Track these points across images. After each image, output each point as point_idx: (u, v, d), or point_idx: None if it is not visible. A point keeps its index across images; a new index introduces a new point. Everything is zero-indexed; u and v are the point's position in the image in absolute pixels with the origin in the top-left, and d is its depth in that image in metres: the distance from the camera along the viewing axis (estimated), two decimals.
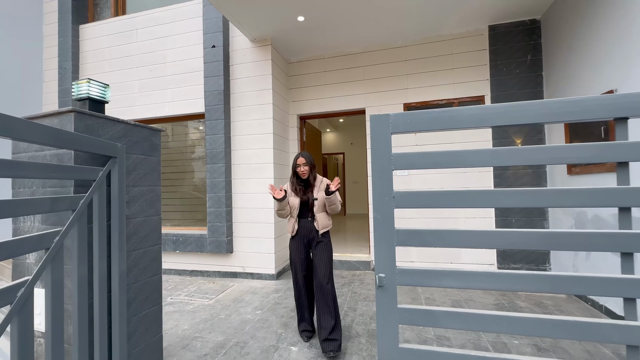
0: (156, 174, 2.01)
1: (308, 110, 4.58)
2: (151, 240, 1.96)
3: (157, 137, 2.03)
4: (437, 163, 1.09)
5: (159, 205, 2.03)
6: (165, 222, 4.61)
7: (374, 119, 1.13)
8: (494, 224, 3.85)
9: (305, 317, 2.49)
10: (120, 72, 4.66)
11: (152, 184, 1.98)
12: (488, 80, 3.90)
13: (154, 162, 2.00)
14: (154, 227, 1.99)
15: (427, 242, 1.09)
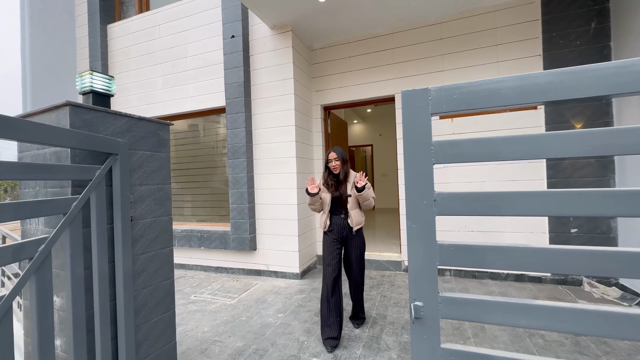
0: (165, 171, 1.87)
1: (332, 99, 4.30)
2: (161, 243, 1.83)
3: (166, 132, 1.88)
4: (508, 153, 0.79)
5: (170, 205, 1.89)
6: (191, 218, 4.61)
7: (407, 96, 0.85)
8: (547, 239, 3.35)
9: (330, 322, 2.28)
10: (145, 69, 4.68)
11: (161, 182, 1.83)
12: (540, 56, 3.36)
13: (163, 158, 1.86)
14: (164, 228, 1.85)
15: (488, 263, 0.80)
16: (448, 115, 3.72)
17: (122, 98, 4.84)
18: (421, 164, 0.84)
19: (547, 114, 3.33)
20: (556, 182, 3.30)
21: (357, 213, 2.38)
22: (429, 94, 0.83)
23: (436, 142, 0.83)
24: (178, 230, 4.29)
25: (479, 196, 0.80)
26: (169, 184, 1.89)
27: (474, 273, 3.61)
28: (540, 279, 3.37)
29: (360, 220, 2.39)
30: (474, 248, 0.82)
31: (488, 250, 0.79)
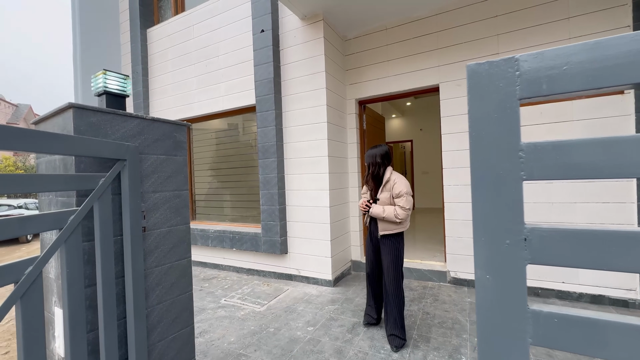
0: (182, 176, 1.72)
1: (368, 93, 3.96)
2: (178, 253, 1.69)
3: (182, 134, 1.73)
4: None
5: (187, 213, 1.74)
6: (224, 218, 4.60)
7: (477, 72, 0.55)
8: None
9: (370, 303, 2.58)
10: (181, 70, 4.74)
11: (178, 188, 1.69)
12: (630, 27, 2.70)
13: (179, 162, 1.71)
14: (181, 238, 1.71)
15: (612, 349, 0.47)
16: None
17: (160, 100, 4.96)
18: (501, 179, 0.53)
19: (638, 99, 2.67)
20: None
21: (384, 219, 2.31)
22: (517, 67, 0.52)
23: (529, 145, 0.51)
24: (211, 231, 4.29)
25: (614, 236, 0.47)
26: (187, 189, 1.75)
27: (536, 290, 3.08)
28: (625, 302, 2.75)
29: (386, 227, 2.30)
30: (594, 322, 0.49)
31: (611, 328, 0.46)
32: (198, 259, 4.61)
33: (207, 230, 4.33)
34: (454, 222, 3.45)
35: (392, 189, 2.27)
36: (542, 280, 3.06)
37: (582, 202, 2.89)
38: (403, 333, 2.28)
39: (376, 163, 2.35)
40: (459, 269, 3.43)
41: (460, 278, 3.42)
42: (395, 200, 2.25)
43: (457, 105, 3.41)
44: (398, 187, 2.25)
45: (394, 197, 2.26)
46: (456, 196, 3.43)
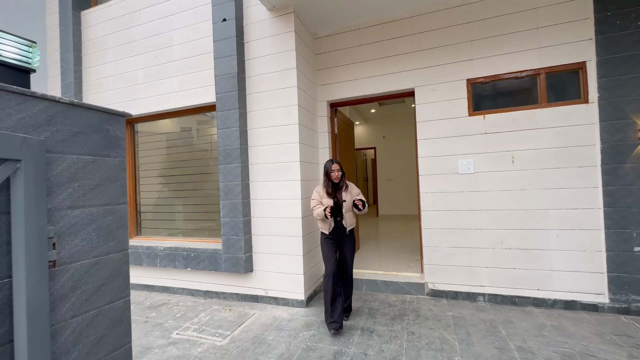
0: (118, 184, 1.25)
1: (340, 95, 3.72)
2: (111, 293, 1.21)
3: (119, 127, 1.27)
4: None
5: (125, 235, 1.27)
6: (176, 232, 3.98)
7: None
8: (602, 237, 2.79)
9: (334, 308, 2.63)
10: (124, 60, 4.06)
11: (111, 202, 1.22)
12: (592, 39, 2.82)
13: (114, 165, 1.24)
14: (115, 271, 1.23)
15: None
16: (479, 112, 3.16)
17: (96, 95, 4.20)
18: None
19: (602, 109, 2.78)
20: (614, 190, 2.75)
21: (351, 215, 2.81)
22: None
23: None
24: (160, 248, 3.65)
25: None
26: (125, 203, 1.28)
27: (513, 299, 3.03)
28: (595, 306, 2.80)
29: (353, 222, 2.82)
30: None
31: None
32: (143, 281, 3.90)
33: (155, 248, 3.68)
34: (431, 231, 3.31)
35: (351, 192, 2.79)
36: (519, 289, 3.02)
37: (554, 208, 2.92)
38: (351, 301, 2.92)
39: (343, 173, 2.81)
40: (437, 279, 3.29)
41: (439, 289, 3.28)
42: (356, 198, 2.71)
43: (433, 110, 3.31)
44: (355, 189, 2.85)
45: (354, 197, 2.75)
46: (433, 204, 3.30)
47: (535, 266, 2.98)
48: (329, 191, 2.74)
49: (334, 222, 2.72)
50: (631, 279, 2.71)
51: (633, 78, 2.70)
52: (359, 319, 2.85)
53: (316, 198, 2.77)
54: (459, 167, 3.20)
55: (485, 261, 3.13)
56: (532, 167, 2.98)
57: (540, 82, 2.99)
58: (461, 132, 3.21)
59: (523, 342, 2.34)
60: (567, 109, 2.89)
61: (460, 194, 3.20)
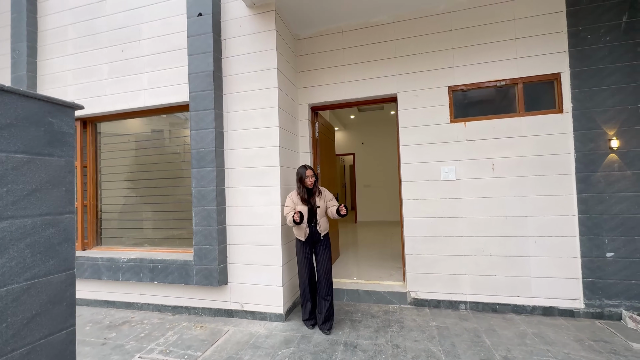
0: (63, 189, 1.04)
1: (322, 98, 3.61)
2: (49, 324, 0.98)
3: (66, 121, 1.06)
4: None
5: (71, 250, 1.06)
6: (142, 242, 3.64)
7: None
8: (577, 243, 2.86)
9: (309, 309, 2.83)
10: (86, 54, 3.71)
11: (53, 211, 1.00)
12: (566, 52, 2.92)
13: (58, 166, 1.03)
14: (56, 296, 1.01)
15: None
16: (461, 119, 3.17)
17: (54, 90, 3.80)
18: None
19: (576, 119, 2.87)
20: (587, 198, 2.83)
21: (325, 221, 2.84)
22: None
23: None
24: (124, 260, 3.31)
25: None
26: (71, 212, 1.06)
27: (494, 306, 3.02)
28: (572, 312, 2.85)
29: (327, 227, 2.85)
30: None
31: None
32: (102, 297, 3.52)
33: (117, 260, 3.33)
34: (413, 238, 3.26)
35: (324, 197, 2.85)
36: (499, 296, 3.02)
37: (532, 215, 2.97)
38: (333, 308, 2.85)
39: (317, 178, 2.87)
40: (420, 288, 3.22)
41: (422, 298, 3.21)
42: (330, 203, 2.86)
43: (415, 116, 3.28)
44: (329, 194, 2.91)
45: (327, 202, 2.86)
46: (416, 211, 3.25)
47: (514, 273, 2.99)
48: (303, 197, 2.77)
49: (309, 228, 2.75)
50: (604, 284, 2.78)
51: (603, 90, 2.82)
52: (341, 332, 2.71)
53: (290, 205, 2.78)
54: (441, 173, 3.18)
55: (466, 268, 3.11)
56: (512, 175, 3.02)
57: (518, 92, 3.06)
58: (443, 138, 3.20)
59: (508, 352, 2.30)
60: (543, 118, 2.97)
61: (443, 200, 3.18)
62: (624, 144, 2.76)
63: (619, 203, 2.76)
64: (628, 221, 2.74)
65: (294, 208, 2.74)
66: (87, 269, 3.42)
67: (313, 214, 2.76)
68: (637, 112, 2.74)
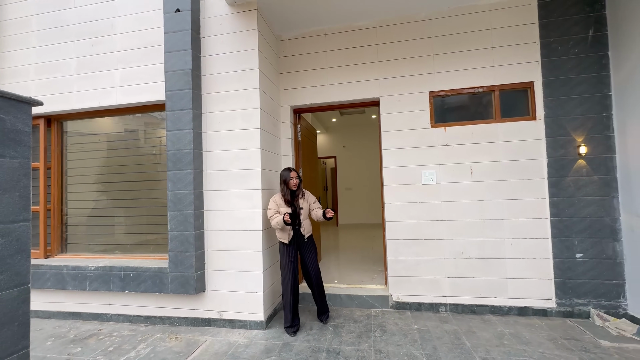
0: (17, 195, 0.93)
1: (305, 101, 3.57)
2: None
3: (21, 116, 0.96)
4: None
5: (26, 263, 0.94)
6: (112, 248, 3.43)
7: None
8: (549, 245, 2.98)
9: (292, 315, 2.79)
10: (52, 47, 3.46)
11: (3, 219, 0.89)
12: (538, 62, 3.05)
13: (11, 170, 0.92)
14: (6, 315, 0.90)
15: None
16: (441, 124, 3.23)
17: (15, 85, 3.51)
18: None
19: (547, 126, 3.00)
20: (558, 201, 2.96)
21: (308, 223, 2.91)
22: None
23: None
24: (91, 268, 3.09)
25: None
26: (26, 220, 0.95)
27: (472, 308, 3.09)
28: (545, 311, 2.96)
29: (310, 229, 2.92)
30: None
31: None
32: (67, 308, 3.27)
33: (84, 268, 3.11)
34: (396, 242, 3.27)
35: (307, 200, 2.92)
36: (478, 297, 3.09)
37: (508, 218, 3.06)
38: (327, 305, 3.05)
39: (300, 180, 2.91)
40: (402, 291, 3.24)
41: (403, 301, 3.22)
42: (313, 205, 2.95)
43: (397, 120, 3.31)
44: (312, 197, 2.99)
45: (310, 204, 2.93)
46: (398, 214, 3.27)
47: (492, 274, 3.07)
48: (287, 199, 2.81)
49: (292, 230, 2.80)
50: (574, 284, 2.91)
51: (572, 99, 2.97)
52: (323, 339, 2.66)
53: (273, 207, 2.79)
54: (422, 177, 3.23)
55: (447, 271, 3.16)
56: (489, 179, 3.10)
57: (495, 99, 3.16)
58: (424, 143, 3.25)
59: (487, 354, 2.35)
60: (518, 124, 3.08)
61: (424, 204, 3.22)
62: (591, 150, 2.91)
63: (587, 206, 2.91)
64: (595, 224, 2.89)
65: (277, 210, 2.76)
66: (49, 279, 3.17)
67: (296, 216, 2.78)
68: (603, 121, 2.91)
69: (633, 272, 2.77)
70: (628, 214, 2.78)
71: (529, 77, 3.08)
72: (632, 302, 2.77)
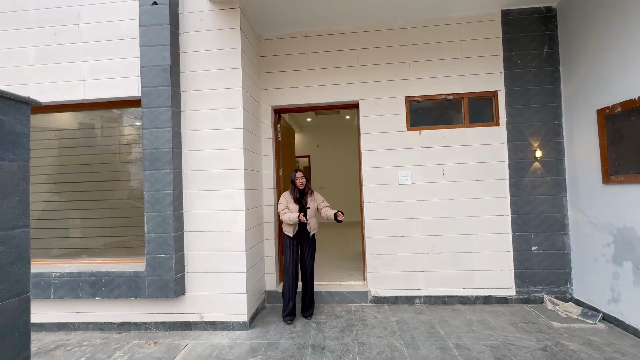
0: (16, 200, 0.90)
1: (285, 101, 3.60)
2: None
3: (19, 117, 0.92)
4: None
5: (26, 271, 0.91)
6: (79, 252, 3.21)
7: None
8: (510, 239, 3.30)
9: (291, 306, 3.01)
10: (9, 33, 3.15)
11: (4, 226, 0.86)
12: (501, 73, 3.36)
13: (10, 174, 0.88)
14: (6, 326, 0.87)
15: None
16: (416, 128, 3.43)
17: None
18: None
19: (509, 132, 3.32)
20: (518, 200, 3.29)
21: (314, 221, 3.11)
22: None
23: None
24: (56, 275, 2.87)
25: None
26: (26, 226, 0.91)
27: (444, 299, 3.33)
28: (506, 299, 3.28)
29: (316, 227, 3.13)
30: None
31: None
32: None
33: (47, 275, 2.88)
34: (373, 239, 3.42)
35: (315, 199, 3.12)
36: (448, 289, 3.34)
37: (475, 215, 3.34)
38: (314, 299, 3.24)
39: (307, 180, 3.13)
40: (379, 286, 3.40)
41: (381, 296, 3.39)
42: (321, 204, 3.14)
43: (375, 123, 3.46)
44: (320, 197, 3.19)
45: (318, 204, 3.12)
46: (376, 213, 3.43)
47: (461, 268, 3.33)
48: (295, 197, 3.04)
49: (298, 226, 3.01)
50: (530, 274, 3.26)
51: (529, 108, 3.30)
52: (307, 335, 2.72)
53: (283, 203, 3.04)
54: (399, 178, 3.41)
55: (420, 265, 3.37)
56: (459, 179, 3.36)
57: (464, 105, 3.42)
58: (400, 145, 3.43)
59: (459, 340, 2.56)
60: (484, 129, 3.37)
61: (400, 203, 3.40)
62: (545, 154, 3.27)
63: (541, 204, 3.26)
64: (548, 219, 3.25)
65: (287, 206, 3.01)
66: None
67: (304, 213, 2.96)
68: (554, 128, 3.28)
69: (577, 262, 3.16)
70: (574, 210, 3.17)
71: (494, 87, 3.37)
72: (577, 287, 3.17)
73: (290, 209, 3.01)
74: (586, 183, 2.99)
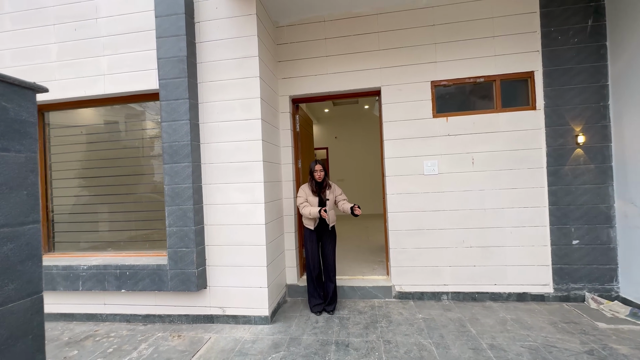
0: (25, 193, 0.83)
1: (304, 90, 3.47)
2: None
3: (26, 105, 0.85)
4: None
5: (38, 269, 0.85)
6: (105, 246, 3.27)
7: None
8: (547, 232, 3.05)
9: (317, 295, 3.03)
10: (29, 31, 3.19)
11: (11, 221, 0.80)
12: (539, 51, 3.06)
13: (17, 165, 0.82)
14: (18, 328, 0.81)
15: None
16: (443, 114, 3.21)
17: None
18: None
19: (547, 116, 3.04)
20: (557, 190, 3.02)
21: (332, 213, 3.06)
22: None
23: None
24: (84, 267, 2.94)
25: None
26: (37, 222, 0.85)
27: (473, 295, 3.15)
28: (542, 296, 3.06)
29: (335, 219, 3.09)
30: None
31: None
32: (58, 309, 3.12)
33: (75, 267, 2.95)
34: (397, 232, 3.27)
35: (334, 192, 3.07)
36: (478, 285, 3.15)
37: (508, 207, 3.11)
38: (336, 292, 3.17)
39: (326, 173, 3.06)
40: (404, 281, 3.26)
41: (406, 291, 3.25)
42: (339, 197, 3.10)
43: (399, 110, 3.27)
44: (338, 189, 3.13)
45: (336, 196, 3.08)
46: (400, 205, 3.27)
47: (492, 262, 3.13)
48: (313, 189, 3.00)
49: (318, 218, 2.97)
50: (570, 270, 3.01)
51: (571, 89, 3.00)
52: (331, 331, 2.65)
53: (302, 196, 3.03)
54: (424, 168, 3.22)
55: (448, 260, 3.20)
56: (490, 169, 3.13)
57: (496, 88, 3.16)
58: (426, 133, 3.23)
59: (493, 340, 2.40)
60: (518, 114, 3.10)
61: (426, 194, 3.22)
62: (589, 139, 2.98)
63: (583, 194, 2.99)
64: (591, 211, 2.98)
65: (306, 199, 3.00)
66: None
67: (322, 205, 2.98)
68: (600, 111, 2.97)
69: (625, 257, 2.88)
70: (622, 201, 2.87)
71: (530, 67, 3.09)
72: (624, 285, 2.90)
73: (310, 201, 2.99)
74: (637, 171, 2.69)
